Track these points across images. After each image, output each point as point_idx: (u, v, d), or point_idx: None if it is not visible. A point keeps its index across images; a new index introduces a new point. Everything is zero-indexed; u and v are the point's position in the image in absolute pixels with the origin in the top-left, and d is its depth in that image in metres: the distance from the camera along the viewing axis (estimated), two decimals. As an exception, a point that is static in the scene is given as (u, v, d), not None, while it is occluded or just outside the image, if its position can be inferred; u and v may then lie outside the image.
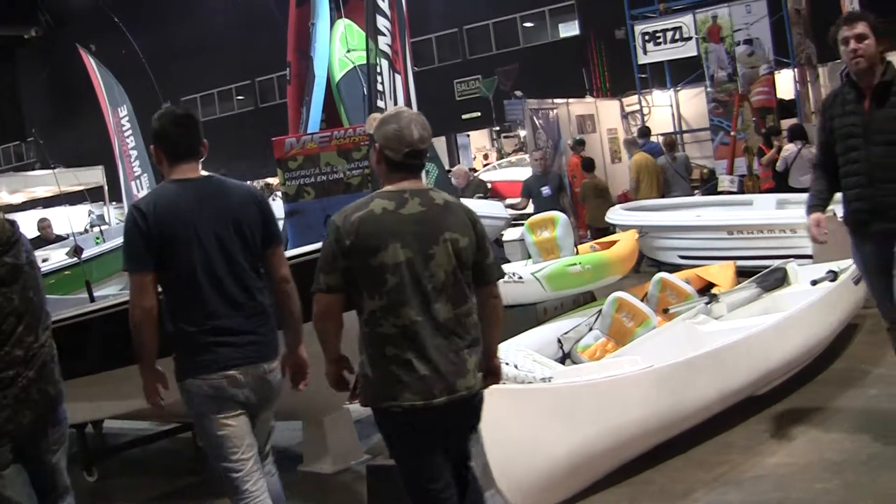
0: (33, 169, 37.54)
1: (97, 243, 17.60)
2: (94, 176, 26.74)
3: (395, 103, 6.55)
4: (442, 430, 4.30)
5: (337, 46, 9.84)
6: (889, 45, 6.41)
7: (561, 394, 5.87)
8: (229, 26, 40.09)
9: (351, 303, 4.30)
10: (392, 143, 4.25)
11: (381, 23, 6.44)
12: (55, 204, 31.61)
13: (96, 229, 20.80)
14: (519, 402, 5.60)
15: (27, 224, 26.63)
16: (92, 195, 28.20)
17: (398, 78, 6.67)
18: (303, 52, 10.64)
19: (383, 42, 6.42)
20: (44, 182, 27.01)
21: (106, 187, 26.50)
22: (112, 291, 13.91)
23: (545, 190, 15.19)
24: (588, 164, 16.73)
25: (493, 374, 4.60)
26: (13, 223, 4.71)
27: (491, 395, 5.47)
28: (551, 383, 6.18)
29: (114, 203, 26.35)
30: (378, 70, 6.29)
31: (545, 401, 5.73)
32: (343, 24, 9.98)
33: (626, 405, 5.97)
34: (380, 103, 6.26)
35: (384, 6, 6.48)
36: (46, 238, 16.76)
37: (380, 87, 6.26)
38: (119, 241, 16.39)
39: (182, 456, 8.93)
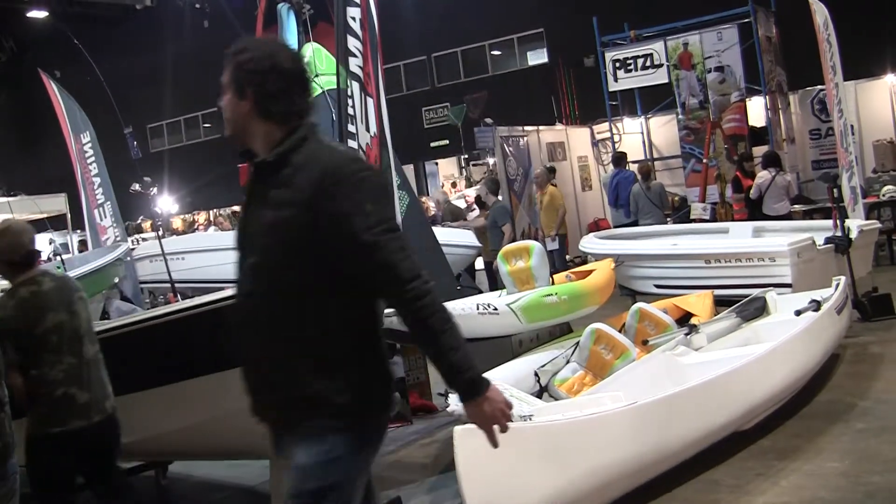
0: (-1, 196, 37.11)
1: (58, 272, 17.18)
2: (56, 203, 26.35)
3: (367, 127, 6.28)
4: None
5: (305, 70, 9.58)
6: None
7: (542, 433, 5.59)
8: (196, 52, 39.72)
9: None
10: (7, 252, 5.52)
11: (353, 44, 6.18)
12: (17, 232, 31.27)
13: (58, 258, 20.43)
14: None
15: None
16: (55, 223, 27.81)
17: (370, 101, 6.40)
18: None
19: (354, 64, 6.15)
20: (7, 209, 26.66)
21: (69, 215, 26.12)
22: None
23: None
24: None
25: None
26: None
27: (469, 434, 5.23)
28: (531, 422, 5.90)
29: (77, 231, 25.94)
30: (349, 93, 6.01)
31: (525, 440, 5.44)
32: (311, 47, 9.71)
33: (610, 443, 5.73)
34: (350, 127, 5.98)
35: (355, 27, 6.22)
36: None
37: (350, 111, 5.99)
38: (82, 269, 16.14)
39: (145, 495, 8.57)
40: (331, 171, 3.33)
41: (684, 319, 9.58)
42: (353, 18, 6.27)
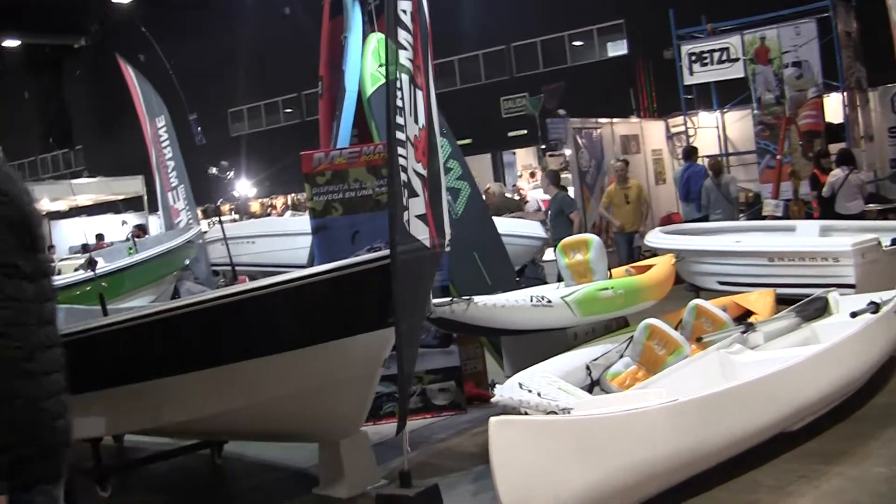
0: (81, 177, 37.89)
1: (129, 254, 17.62)
2: (133, 185, 26.92)
3: (416, 118, 6.34)
4: None
5: (369, 60, 9.67)
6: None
7: (577, 427, 5.60)
8: (277, 37, 40.14)
9: None
10: None
11: (403, 36, 6.23)
12: (98, 212, 31.99)
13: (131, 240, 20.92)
14: (532, 434, 5.35)
15: (71, 232, 26.90)
16: (133, 205, 28.39)
17: (419, 93, 6.45)
18: (335, 66, 10.49)
19: (404, 56, 6.20)
20: (84, 191, 27.20)
21: (146, 197, 26.64)
22: (141, 303, 13.88)
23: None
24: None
25: None
26: None
27: (504, 424, 5.28)
28: (568, 415, 5.93)
29: (155, 213, 26.53)
30: (398, 85, 6.08)
31: (560, 433, 5.47)
32: (376, 37, 9.80)
33: (647, 440, 5.71)
34: (398, 119, 6.04)
35: (406, 19, 6.28)
36: None
37: (399, 103, 6.05)
38: (153, 250, 16.50)
39: (199, 473, 8.81)
40: None
41: (744, 317, 9.50)
42: (404, 11, 6.33)
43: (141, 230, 23.37)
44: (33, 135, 53.46)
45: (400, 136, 6.08)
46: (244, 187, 41.05)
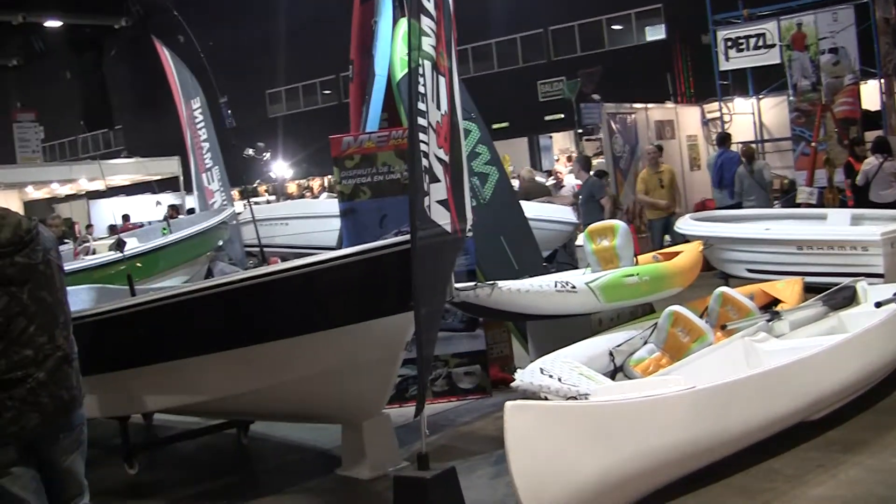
0: (120, 157, 38.24)
1: (164, 234, 17.80)
2: (170, 166, 27.17)
3: (438, 105, 6.38)
4: None
5: (399, 45, 9.70)
6: None
7: (592, 412, 5.64)
8: (315, 20, 40.24)
9: None
10: None
11: (426, 23, 6.27)
12: (136, 192, 32.31)
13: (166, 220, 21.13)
14: (547, 419, 5.39)
15: (109, 212, 27.16)
16: (170, 185, 28.64)
17: (442, 80, 6.49)
18: (366, 50, 10.56)
19: (427, 43, 6.24)
20: (120, 171, 27.49)
21: (181, 177, 26.87)
22: (174, 283, 14.01)
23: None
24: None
25: None
26: (32, 221, 4.65)
27: (519, 409, 5.33)
28: (583, 401, 5.97)
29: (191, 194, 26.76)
30: (420, 72, 6.12)
31: (575, 419, 5.51)
32: (405, 22, 9.83)
33: (663, 427, 5.74)
34: (420, 105, 6.09)
35: (429, 6, 6.32)
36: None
37: (421, 90, 6.10)
38: (187, 231, 16.65)
39: (225, 452, 8.93)
40: None
41: (771, 306, 9.49)
42: (428, -1, 6.38)
43: (175, 210, 23.62)
44: (75, 114, 53.92)
45: (422, 122, 6.13)
46: (281, 169, 41.24)
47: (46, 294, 4.60)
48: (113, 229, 21.36)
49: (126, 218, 25.12)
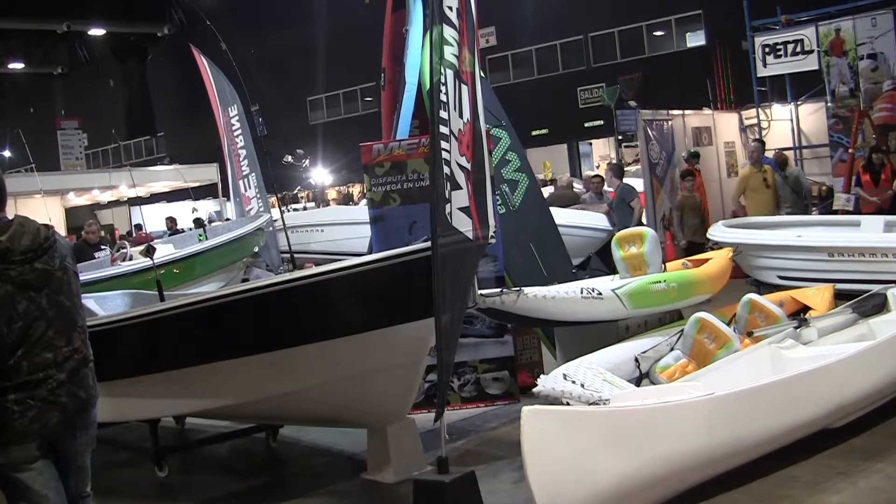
0: (162, 163, 38.69)
1: (200, 240, 18.00)
2: (208, 172, 27.44)
3: (460, 114, 6.45)
4: None
5: (429, 54, 9.76)
6: None
7: (609, 418, 5.69)
8: (356, 27, 40.47)
9: None
10: None
11: (448, 33, 6.35)
12: (177, 199, 32.65)
13: (214, 224, 21.32)
14: (564, 424, 5.45)
15: (149, 218, 27.50)
16: (209, 192, 28.91)
17: (465, 89, 6.57)
18: (397, 58, 10.64)
19: (449, 52, 6.32)
20: (160, 178, 27.79)
21: (219, 184, 27.12)
22: (208, 289, 14.17)
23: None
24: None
25: None
26: (50, 229, 4.81)
27: (536, 414, 5.38)
28: (601, 407, 6.01)
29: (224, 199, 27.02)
30: (442, 81, 6.20)
31: (592, 424, 5.55)
32: (436, 31, 9.91)
33: (681, 433, 5.76)
34: (442, 114, 6.16)
35: (452, 16, 6.40)
36: (88, 242, 16.97)
37: (443, 98, 6.17)
38: (223, 237, 16.80)
39: (255, 455, 9.03)
40: None
41: (801, 313, 9.47)
42: (450, 8, 6.44)
43: (173, 222, 24.13)
44: (118, 122, 54.55)
45: (444, 130, 6.21)
46: (321, 175, 41.46)
47: (64, 299, 4.75)
48: (122, 237, 21.62)
49: (139, 227, 25.42)
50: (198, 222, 22.60)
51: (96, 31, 51.98)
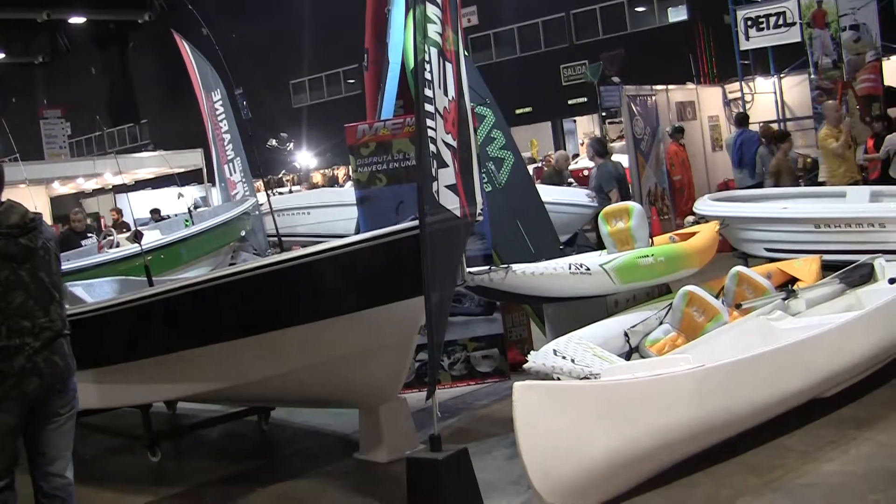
0: (146, 150, 38.53)
1: (186, 226, 17.98)
2: (193, 158, 27.37)
3: (445, 91, 6.43)
4: None
5: (412, 33, 9.73)
6: None
7: (600, 392, 5.70)
8: (339, 9, 40.33)
9: None
10: None
11: (431, 10, 6.34)
12: (162, 185, 32.53)
13: (198, 210, 21.24)
14: (555, 399, 5.46)
15: (136, 205, 27.42)
16: (193, 177, 28.81)
17: (449, 66, 6.55)
18: (380, 39, 10.59)
19: (433, 30, 6.30)
20: (145, 164, 27.71)
21: (205, 169, 27.03)
22: (201, 272, 14.13)
23: None
24: None
25: None
26: (36, 214, 5.28)
27: (528, 389, 5.40)
28: (591, 381, 6.01)
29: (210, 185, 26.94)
30: (427, 59, 6.19)
31: (583, 398, 5.57)
32: (418, 10, 9.87)
33: (671, 406, 5.77)
34: (427, 92, 6.15)
35: (434, -7, 6.39)
36: (74, 230, 17.00)
37: (427, 76, 6.16)
38: (210, 222, 16.77)
39: (247, 438, 9.03)
40: None
41: (789, 284, 9.49)
42: (433, -15, 6.42)
43: (157, 213, 24.20)
44: (101, 110, 54.28)
45: (429, 108, 6.19)
46: (305, 158, 41.35)
47: (44, 275, 5.21)
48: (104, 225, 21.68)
49: (119, 212, 25.44)
50: (155, 212, 22.82)
51: (77, 19, 51.67)
